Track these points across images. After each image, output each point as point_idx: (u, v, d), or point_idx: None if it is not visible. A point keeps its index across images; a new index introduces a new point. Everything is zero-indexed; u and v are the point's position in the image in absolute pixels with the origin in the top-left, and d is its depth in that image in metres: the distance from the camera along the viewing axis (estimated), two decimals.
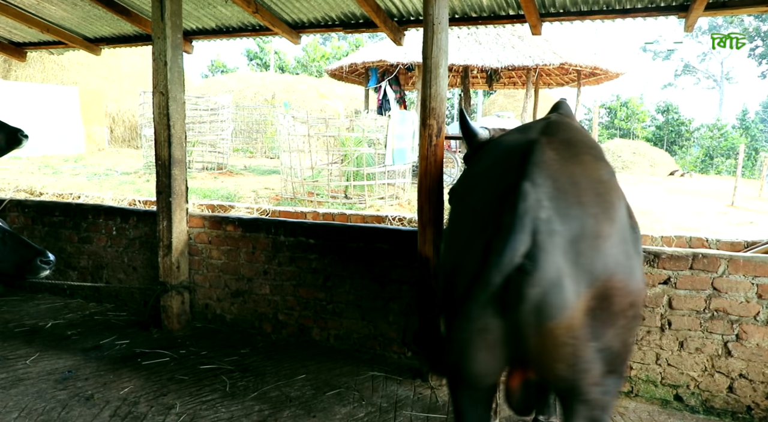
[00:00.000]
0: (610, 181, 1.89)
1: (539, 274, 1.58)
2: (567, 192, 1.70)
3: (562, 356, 1.67)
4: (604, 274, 1.65)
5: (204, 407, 3.32)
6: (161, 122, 4.36)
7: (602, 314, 1.67)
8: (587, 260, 1.63)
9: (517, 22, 4.82)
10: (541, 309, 1.60)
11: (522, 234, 1.58)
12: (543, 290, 1.59)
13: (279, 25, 5.27)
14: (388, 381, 3.72)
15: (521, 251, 1.57)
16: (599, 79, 15.95)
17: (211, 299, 4.73)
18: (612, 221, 1.74)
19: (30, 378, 3.63)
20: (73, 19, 5.81)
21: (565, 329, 1.63)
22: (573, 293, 1.60)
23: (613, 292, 1.67)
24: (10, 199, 5.66)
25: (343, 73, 16.25)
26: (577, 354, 1.67)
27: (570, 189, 1.72)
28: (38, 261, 3.02)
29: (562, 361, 1.69)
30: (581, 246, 1.63)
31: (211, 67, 39.03)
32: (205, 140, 13.98)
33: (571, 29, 29.03)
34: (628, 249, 1.77)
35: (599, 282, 1.64)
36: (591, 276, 1.63)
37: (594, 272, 1.63)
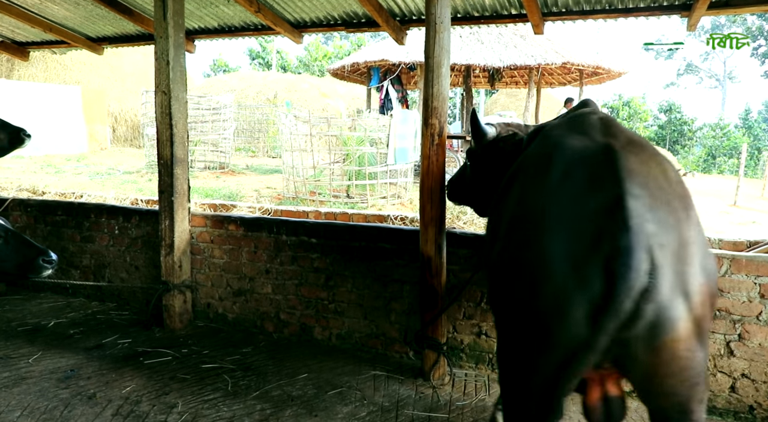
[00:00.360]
0: (682, 180, 1.86)
1: (657, 290, 1.53)
2: (659, 199, 1.65)
3: (677, 370, 1.63)
4: (700, 280, 1.63)
5: (206, 406, 3.33)
6: (163, 121, 4.37)
7: (703, 321, 1.65)
8: (687, 268, 1.61)
9: (519, 22, 4.82)
10: (658, 324, 1.56)
11: (642, 253, 1.52)
12: (659, 305, 1.54)
13: (281, 25, 5.27)
14: (389, 381, 3.72)
15: (645, 271, 1.52)
16: (601, 78, 15.95)
17: (213, 298, 4.74)
18: (695, 224, 1.72)
19: (32, 377, 3.64)
20: (76, 19, 5.81)
21: (682, 341, 1.60)
22: (684, 303, 1.58)
23: (706, 296, 1.65)
24: (13, 198, 5.67)
25: (345, 73, 16.26)
26: (690, 367, 1.64)
27: (660, 196, 1.67)
28: (41, 260, 3.02)
29: (676, 375, 1.64)
30: (681, 255, 1.60)
31: (213, 67, 39.09)
32: (207, 140, 14.00)
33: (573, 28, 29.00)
34: (707, 249, 1.75)
35: (697, 288, 1.62)
36: (692, 283, 1.61)
37: (693, 279, 1.62)
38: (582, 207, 1.67)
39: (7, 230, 3.03)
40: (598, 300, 1.54)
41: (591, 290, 1.56)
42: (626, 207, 1.56)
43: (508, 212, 1.99)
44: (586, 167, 1.79)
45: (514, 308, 1.81)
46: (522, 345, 1.79)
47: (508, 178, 2.25)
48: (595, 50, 25.98)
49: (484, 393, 3.57)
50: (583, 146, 1.90)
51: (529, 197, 1.89)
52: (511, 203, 2.00)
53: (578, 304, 1.58)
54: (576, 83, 16.31)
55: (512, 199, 2.01)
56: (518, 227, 1.87)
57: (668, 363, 1.61)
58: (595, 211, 1.62)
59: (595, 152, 1.82)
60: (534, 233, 1.75)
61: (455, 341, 3.93)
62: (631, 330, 1.55)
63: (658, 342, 1.57)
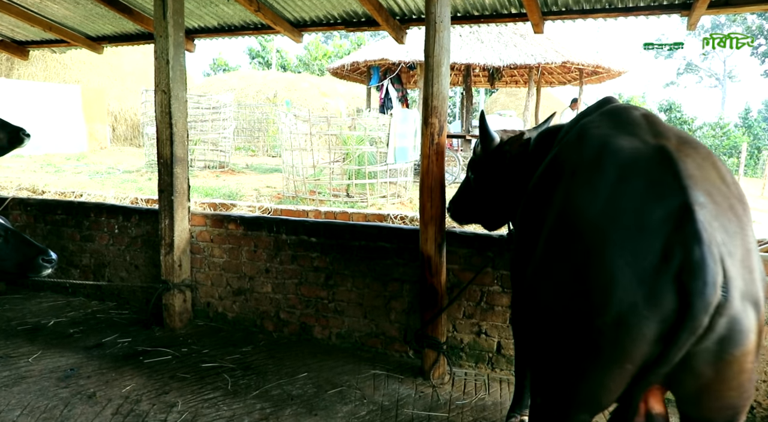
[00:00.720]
0: (736, 181, 1.78)
1: (730, 302, 1.47)
2: (722, 206, 1.59)
3: (738, 383, 1.57)
4: (761, 287, 1.57)
5: (206, 405, 3.33)
6: (163, 120, 4.36)
7: (764, 329, 1.60)
8: (753, 276, 1.55)
9: (519, 21, 4.82)
10: (729, 337, 1.50)
11: (715, 266, 1.45)
12: (732, 318, 1.49)
13: (281, 24, 5.27)
14: (389, 380, 3.73)
15: (720, 285, 1.46)
16: (601, 77, 15.95)
17: (212, 297, 4.74)
18: (751, 229, 1.64)
19: (32, 376, 3.64)
20: (76, 18, 5.81)
21: (749, 354, 1.54)
22: (753, 313, 1.52)
23: (761, 304, 1.57)
24: (13, 197, 5.67)
25: (345, 72, 16.26)
26: (751, 379, 1.60)
27: (722, 202, 1.60)
28: (40, 260, 3.02)
29: (736, 389, 1.59)
30: (746, 263, 1.54)
31: (213, 66, 39.07)
32: (207, 139, 13.99)
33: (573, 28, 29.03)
34: (759, 253, 1.68)
35: (759, 296, 1.55)
36: (759, 291, 1.56)
37: (759, 287, 1.56)
38: (645, 218, 1.57)
39: (7, 229, 3.03)
40: (671, 317, 1.49)
41: (663, 306, 1.50)
42: (695, 218, 1.49)
43: (549, 221, 1.86)
44: (642, 172, 1.67)
45: (565, 325, 1.70)
46: (576, 362, 1.69)
47: (539, 182, 2.13)
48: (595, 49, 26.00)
49: (483, 392, 3.58)
50: (634, 148, 1.76)
51: (579, 205, 1.74)
52: (553, 210, 1.85)
53: (650, 321, 1.51)
54: (576, 82, 16.30)
55: (554, 206, 1.86)
56: (568, 238, 1.73)
57: (732, 377, 1.56)
58: (661, 222, 1.54)
59: (650, 156, 1.71)
60: (592, 245, 1.63)
61: (455, 340, 3.93)
62: (699, 344, 1.50)
63: (726, 355, 1.52)
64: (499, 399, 3.49)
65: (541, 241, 1.88)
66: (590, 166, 1.80)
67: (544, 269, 1.81)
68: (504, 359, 3.82)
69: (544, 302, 1.80)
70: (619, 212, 1.62)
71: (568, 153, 2.03)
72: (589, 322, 1.60)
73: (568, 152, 2.05)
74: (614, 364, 1.59)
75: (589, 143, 1.93)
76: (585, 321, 1.62)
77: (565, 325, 1.70)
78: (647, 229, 1.55)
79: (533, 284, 1.88)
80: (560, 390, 1.79)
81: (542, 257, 1.83)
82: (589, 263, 1.63)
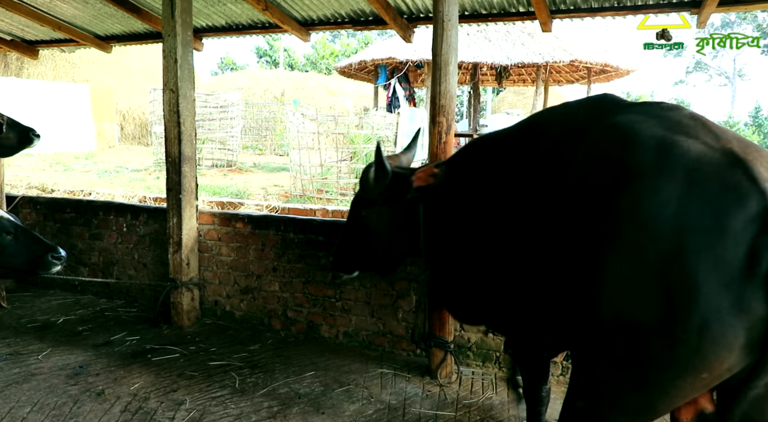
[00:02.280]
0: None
1: None
2: None
3: None
4: None
5: (213, 403, 3.34)
6: (171, 119, 4.38)
7: None
8: None
9: (527, 19, 4.81)
10: None
11: None
12: None
13: (288, 23, 5.27)
14: (397, 379, 3.73)
15: None
16: (609, 76, 15.88)
17: (220, 295, 4.75)
18: None
19: (42, 373, 3.66)
20: (85, 17, 5.84)
21: None
22: None
23: None
24: (23, 196, 5.71)
25: (353, 71, 16.26)
26: None
27: None
28: (50, 257, 3.04)
29: None
30: None
31: (220, 65, 39.18)
32: (214, 138, 14.04)
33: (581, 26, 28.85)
34: None
35: None
36: None
37: None
38: (726, 222, 1.53)
39: (17, 226, 3.05)
40: (760, 324, 1.48)
41: (751, 312, 1.48)
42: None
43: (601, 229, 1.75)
44: (714, 176, 1.63)
45: (639, 333, 1.65)
46: (642, 371, 1.66)
47: (539, 190, 2.05)
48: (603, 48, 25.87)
49: (491, 391, 3.57)
50: (700, 152, 1.70)
51: (651, 211, 1.64)
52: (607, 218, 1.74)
53: (736, 328, 1.49)
54: (584, 81, 16.23)
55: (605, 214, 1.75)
56: (641, 246, 1.65)
57: None
58: (744, 226, 1.51)
59: (719, 160, 1.67)
60: (671, 252, 1.58)
61: (462, 339, 3.93)
62: None
63: None
64: (507, 398, 3.48)
65: (582, 251, 1.80)
66: (655, 170, 1.71)
67: (608, 279, 1.72)
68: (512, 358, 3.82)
69: (609, 312, 1.71)
70: (697, 217, 1.57)
71: (614, 154, 1.86)
72: (670, 330, 1.57)
73: (610, 152, 1.87)
74: (689, 374, 1.56)
75: (645, 144, 1.80)
76: (665, 329, 1.58)
77: (638, 333, 1.65)
78: (730, 233, 1.52)
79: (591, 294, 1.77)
80: (613, 396, 1.76)
81: (601, 268, 1.73)
82: (670, 269, 1.57)
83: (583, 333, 1.83)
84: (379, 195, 2.85)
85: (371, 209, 2.90)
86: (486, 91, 26.97)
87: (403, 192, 2.79)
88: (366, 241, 2.99)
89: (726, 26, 45.02)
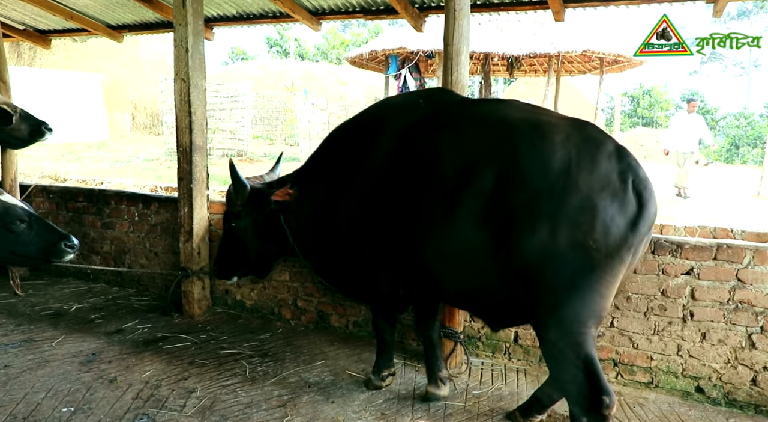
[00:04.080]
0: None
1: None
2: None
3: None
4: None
5: (224, 391, 3.37)
6: (182, 108, 4.38)
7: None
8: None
9: (539, 9, 4.77)
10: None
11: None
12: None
13: (300, 12, 5.26)
14: (406, 368, 3.74)
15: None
16: (622, 66, 15.68)
17: (231, 285, 4.77)
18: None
19: (56, 360, 3.71)
20: (97, 7, 5.85)
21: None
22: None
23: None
24: (36, 185, 5.76)
25: (363, 61, 16.18)
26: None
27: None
28: (63, 245, 3.07)
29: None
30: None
31: (231, 55, 39.20)
32: (225, 127, 14.08)
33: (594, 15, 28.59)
34: None
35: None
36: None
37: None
38: (599, 159, 2.36)
39: (31, 214, 3.08)
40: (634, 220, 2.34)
41: (630, 212, 2.30)
42: (630, 154, 2.44)
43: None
44: (578, 135, 2.48)
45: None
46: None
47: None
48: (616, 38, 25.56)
49: (500, 381, 3.57)
50: (555, 122, 2.56)
51: (541, 164, 2.43)
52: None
53: (625, 229, 2.34)
54: (596, 71, 16.06)
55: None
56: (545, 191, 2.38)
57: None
58: (608, 159, 2.38)
59: (571, 125, 2.57)
60: (570, 189, 2.37)
61: (472, 329, 3.93)
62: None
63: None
64: (516, 388, 3.48)
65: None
66: (534, 139, 2.49)
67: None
68: (521, 349, 3.81)
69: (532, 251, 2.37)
70: (578, 161, 2.35)
71: (498, 134, 2.65)
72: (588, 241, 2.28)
73: (492, 133, 2.66)
74: (614, 267, 2.34)
75: (519, 124, 2.62)
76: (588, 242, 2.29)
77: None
78: (603, 165, 2.33)
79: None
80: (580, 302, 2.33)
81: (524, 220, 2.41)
82: (572, 201, 2.32)
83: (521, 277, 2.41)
84: (243, 208, 3.44)
85: (238, 221, 3.48)
86: (497, 82, 26.81)
87: (263, 206, 3.39)
88: (238, 249, 3.57)
89: (742, 16, 44.33)
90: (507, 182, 2.43)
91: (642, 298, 3.43)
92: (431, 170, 2.71)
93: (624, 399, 3.35)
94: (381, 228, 2.95)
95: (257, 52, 39.86)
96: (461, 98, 3.14)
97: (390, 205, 2.88)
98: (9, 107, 4.43)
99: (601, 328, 3.53)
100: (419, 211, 2.73)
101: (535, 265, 2.33)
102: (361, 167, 3.07)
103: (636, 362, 3.50)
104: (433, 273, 2.81)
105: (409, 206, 2.78)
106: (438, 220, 2.63)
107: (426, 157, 2.76)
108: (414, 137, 2.90)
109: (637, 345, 3.48)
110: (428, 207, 2.68)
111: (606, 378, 3.13)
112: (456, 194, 2.56)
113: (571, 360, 2.34)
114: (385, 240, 2.96)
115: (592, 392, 2.30)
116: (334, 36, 36.45)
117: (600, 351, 3.56)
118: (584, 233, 2.24)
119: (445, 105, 3.03)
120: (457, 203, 2.55)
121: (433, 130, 2.84)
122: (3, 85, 5.09)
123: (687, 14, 61.08)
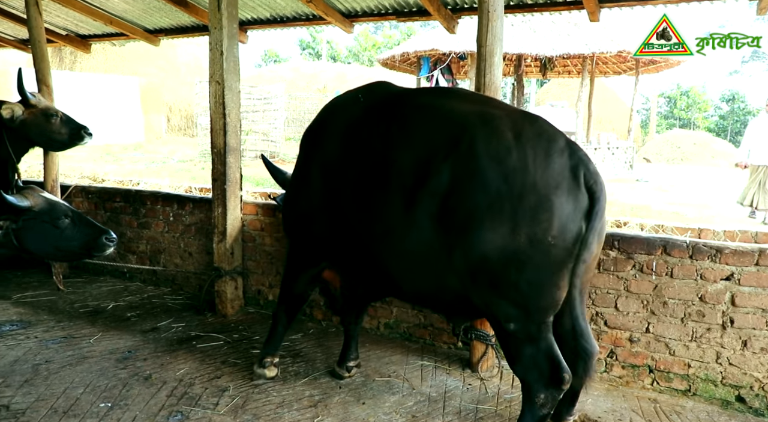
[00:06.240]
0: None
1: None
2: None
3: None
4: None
5: (256, 390, 3.40)
6: (217, 110, 4.44)
7: None
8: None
9: (574, 9, 4.69)
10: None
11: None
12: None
13: (332, 14, 5.28)
14: (437, 371, 3.72)
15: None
16: (659, 67, 15.38)
17: (263, 285, 4.82)
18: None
19: (94, 357, 3.80)
20: (135, 11, 5.99)
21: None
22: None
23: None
24: (75, 185, 5.91)
25: (395, 63, 16.22)
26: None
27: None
28: (103, 239, 3.18)
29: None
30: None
31: (264, 57, 39.68)
32: (258, 129, 14.24)
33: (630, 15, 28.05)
34: None
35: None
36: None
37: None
38: (553, 154, 2.41)
39: (74, 211, 3.19)
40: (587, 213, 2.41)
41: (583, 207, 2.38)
42: (580, 148, 2.50)
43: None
44: (529, 128, 2.51)
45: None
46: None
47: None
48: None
49: None
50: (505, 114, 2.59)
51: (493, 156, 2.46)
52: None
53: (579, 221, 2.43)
54: (632, 72, 15.79)
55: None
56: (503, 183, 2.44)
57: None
58: (560, 154, 2.41)
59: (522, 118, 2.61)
60: (529, 184, 2.40)
61: None
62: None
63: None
64: None
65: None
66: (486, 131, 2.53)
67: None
68: None
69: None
70: (533, 156, 2.37)
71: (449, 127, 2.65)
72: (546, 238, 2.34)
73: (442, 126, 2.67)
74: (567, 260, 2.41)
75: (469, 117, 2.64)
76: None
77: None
78: (556, 160, 2.36)
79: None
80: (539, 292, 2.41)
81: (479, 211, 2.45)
82: (531, 195, 2.36)
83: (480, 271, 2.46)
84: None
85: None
86: (530, 83, 26.51)
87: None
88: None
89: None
90: (464, 181, 2.43)
91: (679, 303, 3.35)
92: (382, 167, 2.72)
93: (660, 406, 3.28)
94: (336, 228, 3.01)
95: (290, 55, 40.26)
96: (401, 89, 3.13)
97: (342, 205, 2.92)
98: (51, 110, 4.57)
99: (636, 333, 3.46)
100: (371, 210, 2.74)
101: (497, 263, 2.37)
102: (309, 174, 3.19)
103: (673, 369, 3.42)
104: (388, 273, 2.82)
105: (361, 206, 2.80)
106: (392, 219, 2.63)
107: (375, 153, 2.79)
108: (360, 132, 2.93)
109: (673, 351, 3.40)
110: (381, 206, 2.69)
111: (642, 384, 3.11)
112: (411, 193, 2.56)
113: (533, 348, 2.48)
114: (339, 240, 3.04)
115: (553, 372, 2.46)
116: (366, 38, 36.59)
117: (635, 356, 3.49)
118: (544, 230, 2.29)
119: (386, 96, 3.04)
120: (413, 202, 2.55)
121: (380, 123, 2.85)
122: (46, 89, 5.24)
123: (728, 12, 59.44)
